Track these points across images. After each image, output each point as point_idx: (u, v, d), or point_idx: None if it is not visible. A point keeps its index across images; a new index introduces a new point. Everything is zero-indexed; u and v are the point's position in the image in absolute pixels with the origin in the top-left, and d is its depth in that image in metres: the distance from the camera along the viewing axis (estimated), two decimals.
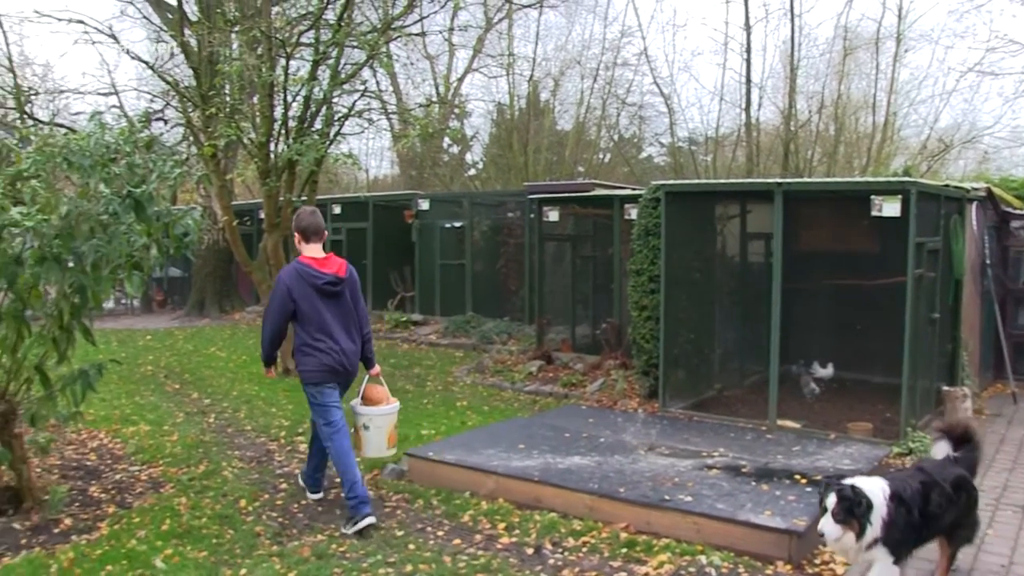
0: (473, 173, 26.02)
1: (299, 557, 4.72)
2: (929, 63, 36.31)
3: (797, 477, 5.76)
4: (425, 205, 15.28)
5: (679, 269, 8.43)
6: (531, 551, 4.88)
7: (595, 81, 23.52)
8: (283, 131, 10.70)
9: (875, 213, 6.99)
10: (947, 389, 7.86)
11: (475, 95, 28.01)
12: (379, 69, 16.25)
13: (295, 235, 5.60)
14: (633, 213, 9.47)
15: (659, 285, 8.39)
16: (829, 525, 3.83)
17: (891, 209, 6.89)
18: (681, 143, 23.29)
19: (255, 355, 9.46)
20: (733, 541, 4.85)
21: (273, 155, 10.82)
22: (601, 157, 24.78)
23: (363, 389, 5.92)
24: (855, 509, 3.77)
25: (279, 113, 10.71)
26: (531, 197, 12.23)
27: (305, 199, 11.17)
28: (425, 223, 15.22)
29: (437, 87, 24.02)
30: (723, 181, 15.90)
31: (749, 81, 20.67)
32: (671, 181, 8.94)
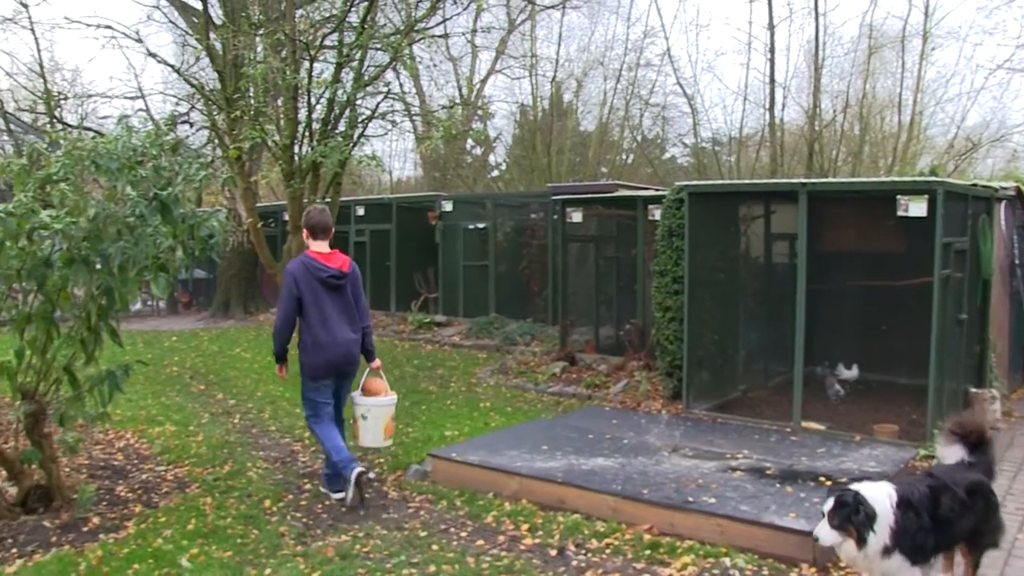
0: (496, 174, 26.06)
1: (323, 557, 4.75)
2: (957, 60, 35.90)
3: (822, 479, 5.71)
4: (448, 206, 15.29)
5: (703, 270, 8.39)
6: (554, 552, 4.88)
7: (618, 82, 23.47)
8: (307, 133, 10.78)
9: (901, 213, 6.92)
10: (975, 391, 7.77)
11: (498, 96, 28.15)
12: (402, 71, 16.29)
13: (303, 231, 5.98)
14: (657, 214, 9.43)
15: (683, 286, 8.36)
16: (824, 530, 3.80)
17: (917, 209, 6.81)
18: (704, 144, 23.21)
19: None
20: (757, 543, 4.82)
21: (297, 157, 10.90)
22: (624, 158, 24.70)
23: (363, 381, 6.16)
24: (852, 517, 3.72)
25: (303, 115, 10.79)
26: (554, 198, 12.22)
27: (329, 201, 11.24)
28: (448, 224, 15.22)
29: (460, 89, 24.11)
30: (747, 181, 15.75)
31: (773, 81, 20.58)
32: (695, 182, 8.91)
